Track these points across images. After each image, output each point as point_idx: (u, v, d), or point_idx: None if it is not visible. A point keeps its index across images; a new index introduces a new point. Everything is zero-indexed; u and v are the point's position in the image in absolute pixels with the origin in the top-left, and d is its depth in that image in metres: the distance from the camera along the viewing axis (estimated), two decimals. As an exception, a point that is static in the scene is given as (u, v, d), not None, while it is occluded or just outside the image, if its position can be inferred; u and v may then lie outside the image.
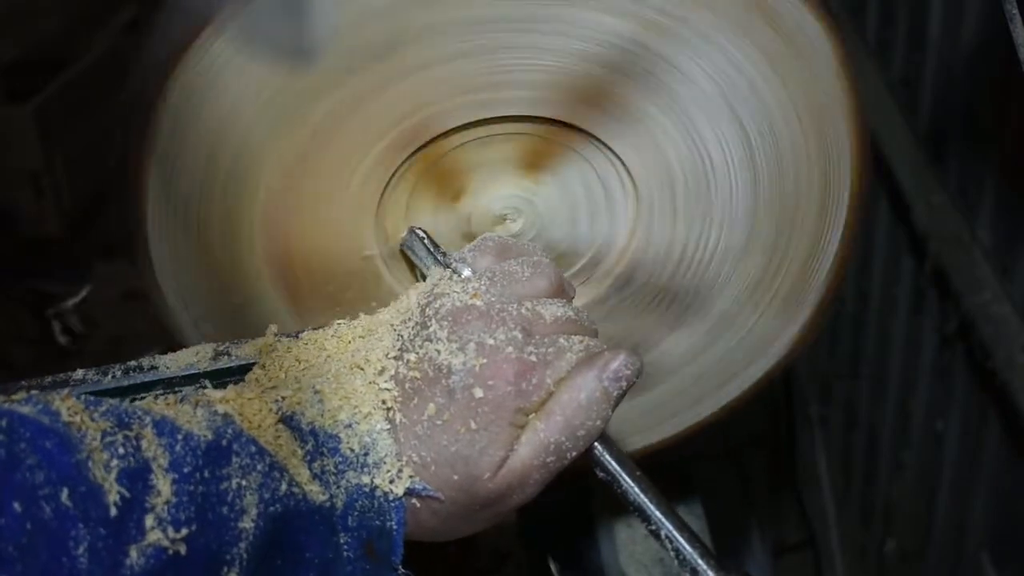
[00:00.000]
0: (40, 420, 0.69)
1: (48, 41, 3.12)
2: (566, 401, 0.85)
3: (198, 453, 0.75)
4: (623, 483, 0.90)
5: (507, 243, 0.96)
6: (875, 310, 2.18)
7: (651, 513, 0.89)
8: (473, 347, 0.84)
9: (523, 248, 0.97)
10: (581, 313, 0.92)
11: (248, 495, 0.76)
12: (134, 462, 0.71)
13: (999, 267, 1.67)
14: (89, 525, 0.67)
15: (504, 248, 0.95)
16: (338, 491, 0.83)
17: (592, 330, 0.92)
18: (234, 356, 0.90)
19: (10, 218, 3.04)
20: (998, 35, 1.13)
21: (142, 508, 0.70)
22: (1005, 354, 1.63)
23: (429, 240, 1.00)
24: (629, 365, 0.87)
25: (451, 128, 0.99)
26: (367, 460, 0.84)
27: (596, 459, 0.90)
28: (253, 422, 0.81)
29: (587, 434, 0.86)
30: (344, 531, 0.83)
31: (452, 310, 0.87)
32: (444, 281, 0.91)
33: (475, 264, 0.94)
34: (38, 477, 0.66)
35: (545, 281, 0.91)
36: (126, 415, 0.74)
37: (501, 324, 0.86)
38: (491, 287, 0.89)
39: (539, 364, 0.85)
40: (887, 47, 2.05)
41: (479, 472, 0.84)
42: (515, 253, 0.95)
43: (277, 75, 0.93)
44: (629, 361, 0.87)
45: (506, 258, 0.94)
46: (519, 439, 0.85)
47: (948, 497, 1.92)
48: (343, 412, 0.85)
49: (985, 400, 1.73)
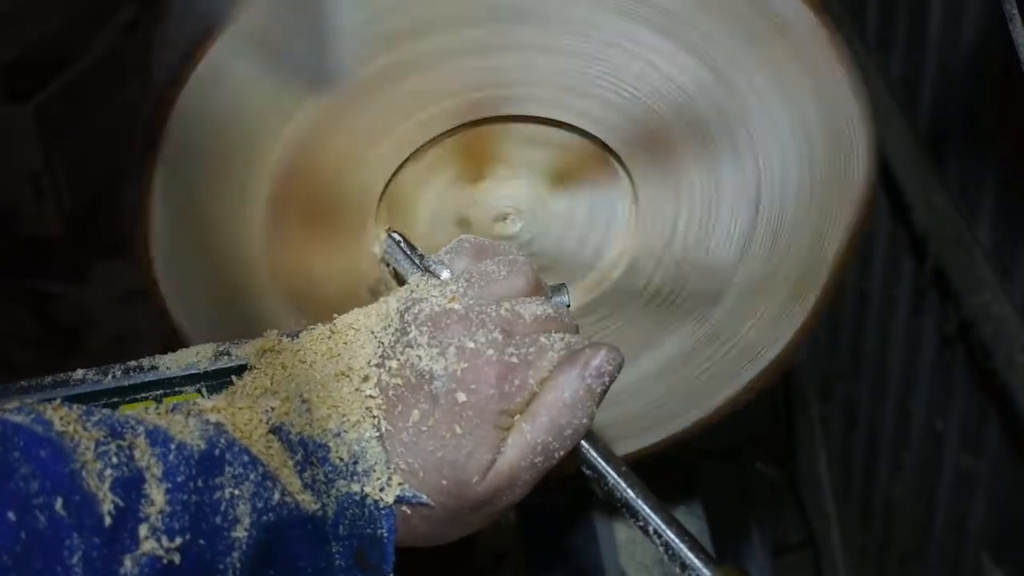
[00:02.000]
0: (33, 429, 0.69)
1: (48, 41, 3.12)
2: (551, 401, 0.85)
3: (191, 462, 0.75)
4: (610, 479, 0.90)
5: (483, 244, 0.96)
6: (875, 310, 2.18)
7: (639, 508, 0.89)
8: (454, 351, 0.84)
9: (499, 248, 0.96)
10: (560, 310, 0.92)
11: (241, 504, 0.76)
12: (127, 471, 0.71)
13: (999, 267, 1.67)
14: (83, 534, 0.67)
15: (481, 249, 0.95)
16: (329, 500, 0.83)
17: (572, 326, 0.92)
18: (234, 356, 0.90)
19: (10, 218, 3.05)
20: (998, 35, 1.13)
21: (136, 517, 0.70)
22: (1005, 354, 1.63)
23: (406, 243, 1.00)
24: (611, 360, 0.87)
25: (514, 115, 1.00)
26: (356, 468, 0.83)
27: (582, 456, 0.90)
28: (244, 432, 0.81)
29: (574, 432, 0.86)
30: (336, 540, 0.83)
31: (431, 315, 0.86)
32: (422, 285, 0.91)
33: (452, 266, 0.93)
34: (32, 486, 0.66)
35: (522, 280, 0.91)
36: (119, 425, 0.74)
37: (481, 327, 0.85)
38: (469, 289, 0.89)
39: (520, 365, 0.85)
40: (887, 47, 2.05)
41: (467, 476, 0.84)
42: (491, 253, 0.94)
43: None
44: (610, 356, 0.87)
45: (483, 259, 0.93)
46: (505, 441, 0.84)
47: (948, 497, 1.92)
48: (331, 421, 0.84)
49: (985, 400, 1.73)
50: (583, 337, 0.91)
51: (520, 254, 0.96)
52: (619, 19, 0.96)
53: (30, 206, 3.02)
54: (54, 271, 3.06)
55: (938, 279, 1.86)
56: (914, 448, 2.04)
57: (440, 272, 0.93)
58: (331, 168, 1.00)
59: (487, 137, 1.02)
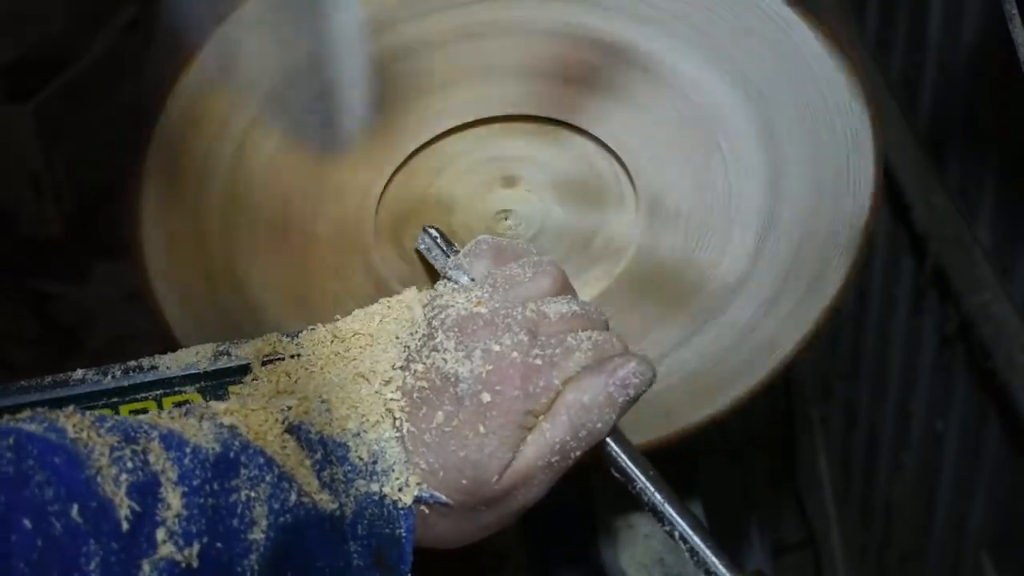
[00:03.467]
0: (47, 437, 0.69)
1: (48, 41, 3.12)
2: (571, 401, 0.85)
3: (206, 465, 0.75)
4: (638, 484, 0.90)
5: (502, 244, 0.96)
6: (875, 310, 2.18)
7: (665, 512, 0.89)
8: (479, 354, 0.84)
9: (519, 249, 0.96)
10: (588, 307, 0.91)
11: (258, 506, 0.76)
12: (143, 476, 0.71)
13: (999, 267, 1.67)
14: (101, 540, 0.67)
15: (500, 250, 0.95)
16: (347, 500, 0.83)
17: (602, 322, 0.92)
18: (234, 356, 0.90)
19: (10, 218, 3.04)
20: (998, 35, 1.13)
21: (153, 522, 0.70)
22: (1005, 354, 1.63)
23: (443, 238, 1.00)
24: (638, 374, 0.87)
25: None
26: (376, 468, 0.84)
27: (611, 458, 0.90)
28: (259, 433, 0.81)
29: (589, 435, 0.86)
30: (354, 539, 0.83)
31: (458, 320, 0.87)
32: (448, 291, 0.91)
33: (472, 269, 0.93)
34: (47, 493, 0.66)
35: (548, 280, 0.91)
36: (132, 429, 0.74)
37: (507, 330, 0.86)
38: (494, 293, 0.89)
39: (545, 366, 0.85)
40: (887, 47, 2.05)
41: (487, 475, 0.84)
42: (511, 255, 0.95)
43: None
44: (639, 370, 0.87)
45: (503, 260, 0.94)
46: (525, 440, 0.85)
47: (948, 497, 1.92)
48: (351, 421, 0.84)
49: (985, 400, 1.73)
50: (613, 334, 0.91)
51: (543, 255, 0.96)
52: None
53: (30, 206, 3.02)
54: (54, 271, 3.06)
55: (938, 279, 1.86)
56: (914, 448, 2.04)
57: (460, 277, 0.93)
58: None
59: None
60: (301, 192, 0.99)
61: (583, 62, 0.96)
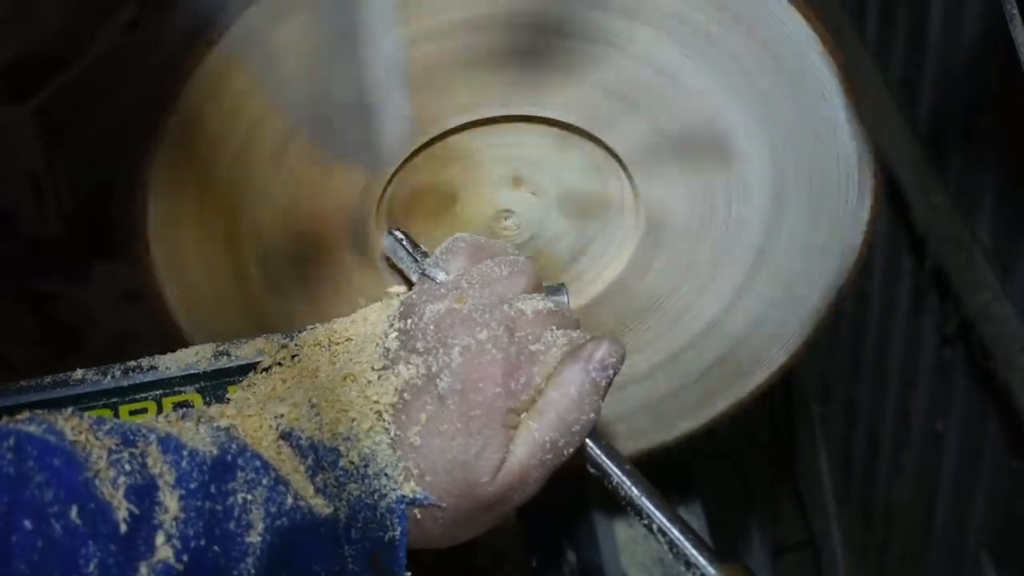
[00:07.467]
0: (46, 439, 0.69)
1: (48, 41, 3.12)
2: (557, 398, 0.85)
3: (204, 469, 0.75)
4: (614, 477, 0.90)
5: (479, 242, 0.95)
6: (875, 310, 2.18)
7: (643, 506, 0.89)
8: (458, 351, 0.84)
9: (496, 247, 0.96)
10: (561, 305, 0.92)
11: (254, 509, 0.76)
12: (141, 479, 0.71)
13: (999, 267, 1.67)
14: (99, 542, 0.67)
15: (477, 248, 0.95)
16: (341, 504, 0.83)
17: (574, 321, 0.92)
18: (233, 356, 0.90)
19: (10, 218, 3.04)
20: (998, 35, 1.13)
21: (151, 525, 0.71)
22: (1005, 354, 1.63)
23: (409, 241, 0.99)
24: (613, 353, 0.87)
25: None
26: (367, 472, 0.83)
27: (587, 455, 0.90)
28: (255, 438, 0.81)
29: (582, 428, 0.86)
30: (348, 543, 0.83)
31: (434, 317, 0.87)
32: (425, 288, 0.91)
33: (448, 266, 0.93)
34: (47, 495, 0.66)
35: (524, 279, 0.91)
36: (131, 432, 0.74)
37: (484, 326, 0.85)
38: (471, 289, 0.89)
39: (525, 362, 0.85)
40: (887, 47, 2.05)
41: (477, 477, 0.84)
42: (488, 253, 0.94)
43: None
44: (612, 349, 0.87)
45: (480, 258, 0.93)
46: (513, 440, 0.85)
47: (948, 497, 1.92)
48: (341, 425, 0.84)
49: (985, 400, 1.73)
50: (586, 333, 0.91)
51: (519, 253, 0.96)
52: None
53: (30, 206, 3.01)
54: (54, 271, 3.05)
55: (938, 279, 1.86)
56: (914, 448, 2.04)
57: (436, 274, 0.93)
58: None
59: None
60: (307, 181, 0.99)
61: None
